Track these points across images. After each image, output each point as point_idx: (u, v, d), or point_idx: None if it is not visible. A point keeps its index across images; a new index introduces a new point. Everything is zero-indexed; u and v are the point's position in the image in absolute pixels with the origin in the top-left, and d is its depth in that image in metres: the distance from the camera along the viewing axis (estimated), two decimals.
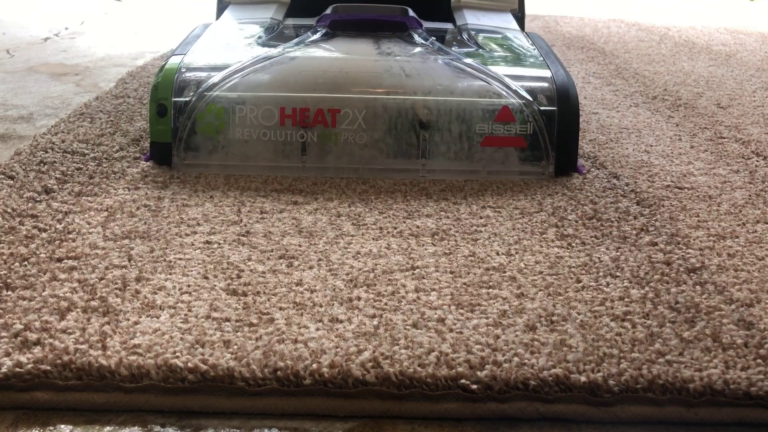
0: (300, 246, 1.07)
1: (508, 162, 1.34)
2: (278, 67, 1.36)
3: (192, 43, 1.51)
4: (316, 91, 1.32)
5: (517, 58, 1.52)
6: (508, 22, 1.80)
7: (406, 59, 1.39)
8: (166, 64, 1.39)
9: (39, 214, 1.14)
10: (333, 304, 0.91)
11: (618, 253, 1.07)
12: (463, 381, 0.77)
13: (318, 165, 1.34)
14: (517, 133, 1.32)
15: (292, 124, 1.31)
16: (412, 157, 1.33)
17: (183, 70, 1.36)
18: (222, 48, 1.53)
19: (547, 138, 1.33)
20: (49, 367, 0.77)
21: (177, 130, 1.32)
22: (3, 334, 0.83)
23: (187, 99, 1.32)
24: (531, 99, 1.32)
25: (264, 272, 0.99)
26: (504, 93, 1.32)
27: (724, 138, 1.65)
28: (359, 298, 0.92)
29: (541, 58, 1.47)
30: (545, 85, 1.36)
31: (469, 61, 1.41)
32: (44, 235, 1.07)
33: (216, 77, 1.33)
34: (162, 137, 1.33)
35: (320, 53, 1.43)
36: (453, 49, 1.52)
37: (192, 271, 0.99)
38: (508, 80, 1.34)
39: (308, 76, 1.34)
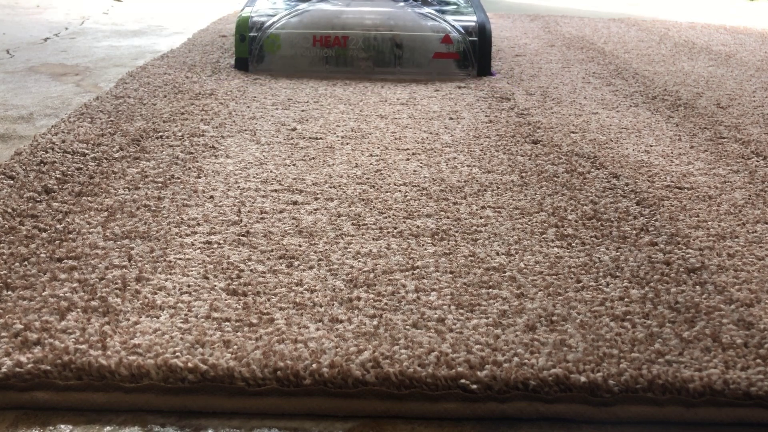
0: (300, 246, 1.07)
1: (449, 68, 2.28)
2: (309, 13, 2.30)
3: (254, 2, 2.43)
4: (334, 27, 2.26)
5: (456, 10, 2.43)
6: None
7: (388, 9, 2.34)
8: (242, 12, 2.32)
9: (39, 214, 1.14)
10: (333, 304, 0.91)
11: (618, 253, 1.07)
12: (463, 381, 0.77)
13: (335, 70, 2.26)
14: (455, 50, 2.27)
15: (320, 46, 2.25)
16: (391, 65, 2.28)
17: (253, 15, 2.29)
18: (271, 4, 2.43)
19: (473, 55, 2.27)
20: (49, 367, 0.77)
21: (251, 51, 2.26)
22: (3, 334, 0.83)
23: (257, 34, 2.25)
24: (463, 32, 2.27)
25: (264, 272, 0.99)
26: (447, 28, 2.27)
27: (724, 138, 1.65)
28: (359, 298, 0.92)
29: (472, 10, 2.40)
30: (472, 24, 2.29)
31: (427, 10, 2.35)
32: (44, 235, 1.07)
33: (273, 19, 2.27)
34: (242, 54, 2.27)
35: (335, 6, 2.35)
36: (418, 4, 2.43)
37: (192, 271, 0.99)
38: (450, 21, 2.29)
39: (329, 18, 2.28)
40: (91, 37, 2.94)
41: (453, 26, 2.26)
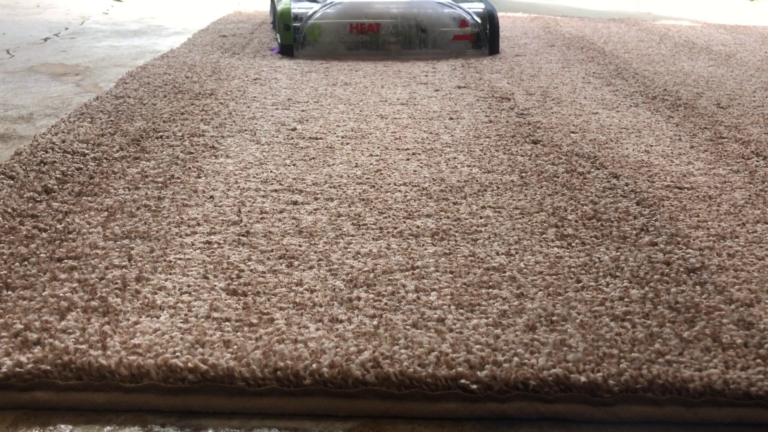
0: (300, 246, 1.07)
1: (466, 48, 2.69)
2: (344, 5, 2.64)
3: None
4: (367, 16, 2.64)
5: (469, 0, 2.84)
6: None
7: (412, 0, 2.71)
8: (281, 4, 2.67)
9: (39, 214, 1.14)
10: (333, 304, 0.91)
11: (618, 253, 1.07)
12: (463, 381, 0.77)
13: (369, 53, 2.63)
14: (470, 33, 2.68)
15: (357, 32, 2.63)
16: (417, 47, 2.66)
17: (293, 8, 2.63)
18: None
19: (484, 37, 2.68)
20: (49, 367, 0.77)
21: (296, 38, 2.59)
22: (3, 334, 0.83)
23: (299, 24, 2.59)
24: (477, 19, 2.69)
25: (264, 272, 0.99)
26: (464, 15, 2.68)
27: (724, 138, 1.65)
28: (359, 298, 0.92)
29: (481, 1, 2.80)
30: (482, 11, 2.71)
31: (446, 0, 2.74)
32: (44, 235, 1.07)
33: (312, 11, 2.61)
34: (288, 41, 2.60)
35: None
36: None
37: (192, 271, 0.99)
38: (466, 8, 2.70)
39: (361, 8, 2.65)
40: (91, 37, 2.93)
41: (468, 13, 2.68)
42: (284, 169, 1.38)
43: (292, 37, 2.57)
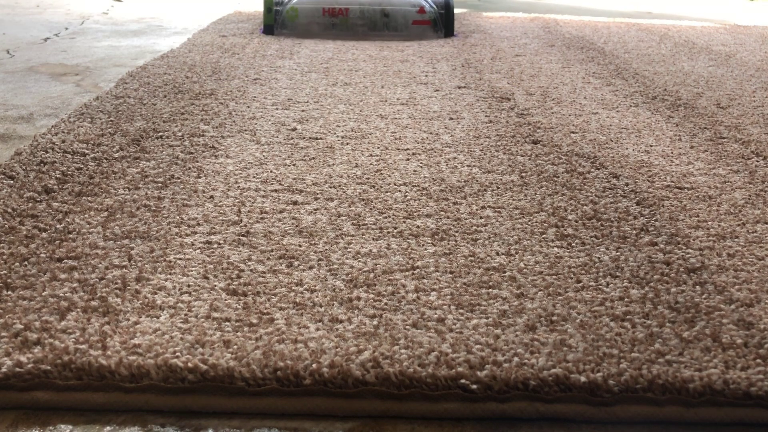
0: (300, 246, 1.07)
1: (425, 31, 3.06)
2: None
3: None
4: (338, 2, 3.04)
5: None
6: None
7: None
8: None
9: (39, 214, 1.14)
10: (333, 304, 0.91)
11: (618, 253, 1.07)
12: (463, 381, 0.77)
13: (340, 33, 3.01)
14: (428, 19, 3.07)
15: (329, 15, 3.02)
16: (381, 30, 3.05)
17: None
18: None
19: (441, 22, 3.07)
20: (49, 367, 0.77)
21: (276, 20, 2.99)
22: (3, 334, 0.83)
23: (280, 8, 2.99)
24: (435, 7, 3.08)
25: (264, 272, 0.99)
26: (422, 2, 3.07)
27: (724, 138, 1.65)
28: (359, 298, 0.92)
29: None
30: (440, 1, 3.10)
31: None
32: (44, 235, 1.07)
33: None
34: (269, 22, 2.99)
35: None
36: None
37: (192, 271, 0.99)
38: None
39: None
40: (91, 37, 2.94)
41: (426, 1, 3.10)
42: (284, 169, 1.38)
43: (273, 19, 3.00)
